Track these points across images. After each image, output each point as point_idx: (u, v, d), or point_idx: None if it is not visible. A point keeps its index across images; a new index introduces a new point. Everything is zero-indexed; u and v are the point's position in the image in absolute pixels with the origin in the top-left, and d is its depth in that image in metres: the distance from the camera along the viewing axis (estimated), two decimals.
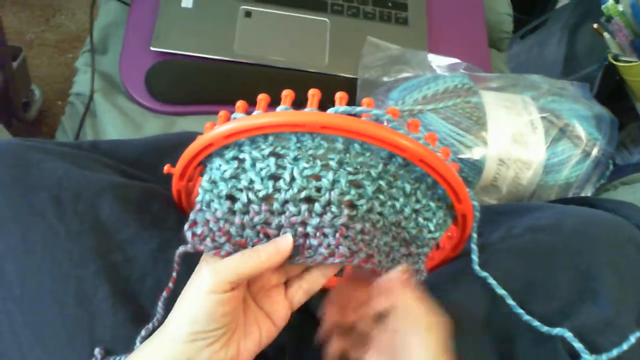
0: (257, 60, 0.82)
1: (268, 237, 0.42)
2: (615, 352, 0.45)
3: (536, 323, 0.46)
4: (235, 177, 0.41)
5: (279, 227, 0.41)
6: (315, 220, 0.41)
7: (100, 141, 0.63)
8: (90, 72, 0.79)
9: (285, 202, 0.40)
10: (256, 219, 0.41)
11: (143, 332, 0.43)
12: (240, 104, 0.43)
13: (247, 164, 0.41)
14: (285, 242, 0.40)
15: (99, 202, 0.47)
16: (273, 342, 0.53)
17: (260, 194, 0.40)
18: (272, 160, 0.40)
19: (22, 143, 0.50)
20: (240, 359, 0.41)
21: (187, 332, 0.38)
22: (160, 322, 0.41)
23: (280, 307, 0.43)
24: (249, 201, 0.41)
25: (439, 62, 0.82)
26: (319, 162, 0.40)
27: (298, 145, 0.40)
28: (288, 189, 0.40)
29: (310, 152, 0.40)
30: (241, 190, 0.41)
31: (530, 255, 0.50)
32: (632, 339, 0.45)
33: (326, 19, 0.87)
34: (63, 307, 0.43)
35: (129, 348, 0.43)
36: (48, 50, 1.25)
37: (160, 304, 0.44)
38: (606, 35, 0.89)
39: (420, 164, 0.40)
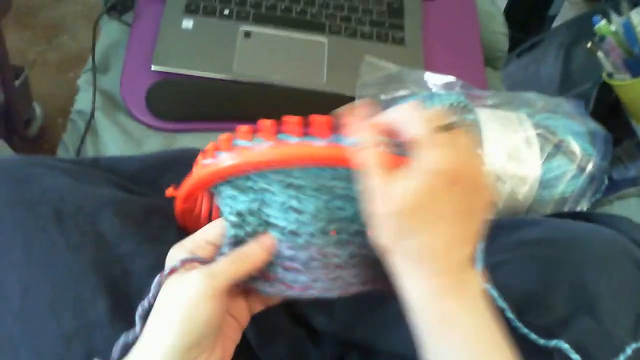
0: (256, 79, 0.83)
1: (295, 271, 0.41)
2: None
3: (533, 336, 0.46)
4: (259, 209, 0.41)
5: (309, 260, 0.41)
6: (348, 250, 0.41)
7: (101, 157, 0.63)
8: (92, 91, 0.81)
9: (312, 235, 0.40)
10: (287, 253, 0.41)
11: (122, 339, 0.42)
12: (244, 129, 0.41)
13: (267, 198, 0.40)
14: (268, 240, 0.41)
15: (99, 216, 0.48)
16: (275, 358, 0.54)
17: (287, 230, 0.40)
18: (291, 192, 0.40)
19: (24, 159, 0.51)
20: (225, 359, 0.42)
21: (182, 343, 0.37)
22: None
23: (243, 311, 0.45)
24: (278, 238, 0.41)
25: (435, 80, 0.83)
26: (336, 192, 0.40)
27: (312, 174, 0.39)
28: (313, 223, 0.40)
29: (321, 181, 0.39)
30: (268, 224, 0.41)
31: (527, 268, 0.51)
32: (629, 351, 0.46)
33: (324, 40, 0.89)
34: (61, 320, 0.44)
35: None
36: (50, 69, 1.27)
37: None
38: (600, 54, 0.91)
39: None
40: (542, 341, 0.46)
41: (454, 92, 0.78)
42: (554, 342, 0.46)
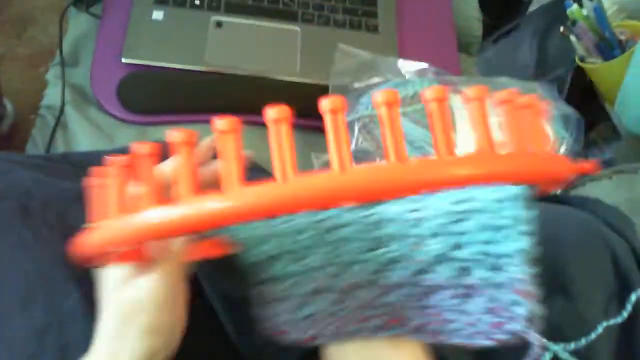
0: (229, 70, 0.82)
1: None
2: (583, 341, 0.46)
3: None
4: None
5: None
6: None
7: (71, 152, 0.63)
8: (61, 85, 0.79)
9: None
10: None
11: None
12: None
13: None
14: None
15: (68, 210, 0.47)
16: None
17: None
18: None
19: None
20: None
21: None
22: None
23: None
24: None
25: (408, 67, 0.83)
26: None
27: None
28: None
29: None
30: None
31: None
32: (599, 329, 0.46)
33: (297, 28, 0.88)
34: (32, 315, 0.43)
35: None
36: (20, 64, 1.24)
37: None
38: (572, 38, 0.91)
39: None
40: None
41: (427, 78, 0.78)
42: None
